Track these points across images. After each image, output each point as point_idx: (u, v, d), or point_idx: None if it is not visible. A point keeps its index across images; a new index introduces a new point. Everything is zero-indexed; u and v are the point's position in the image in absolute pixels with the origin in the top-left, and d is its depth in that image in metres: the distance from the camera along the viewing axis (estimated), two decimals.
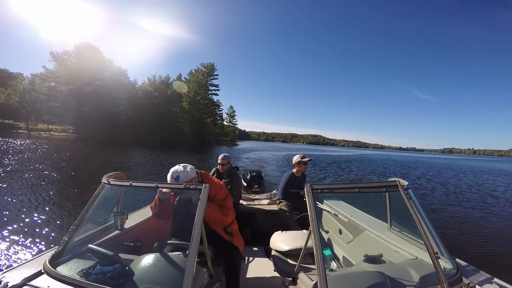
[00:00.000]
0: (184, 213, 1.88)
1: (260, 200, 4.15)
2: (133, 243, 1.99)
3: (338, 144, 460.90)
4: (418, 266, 1.55)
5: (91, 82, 43.88)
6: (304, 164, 3.60)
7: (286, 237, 2.46)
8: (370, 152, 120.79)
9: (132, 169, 14.40)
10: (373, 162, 35.95)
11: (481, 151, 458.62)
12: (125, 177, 1.99)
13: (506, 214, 8.83)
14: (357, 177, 18.46)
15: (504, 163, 68.87)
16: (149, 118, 51.09)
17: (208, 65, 67.33)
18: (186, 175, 1.88)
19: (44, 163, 13.28)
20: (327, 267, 1.30)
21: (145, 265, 1.40)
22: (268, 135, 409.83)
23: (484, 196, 12.12)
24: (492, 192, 13.59)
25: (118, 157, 19.43)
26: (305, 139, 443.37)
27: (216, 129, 71.57)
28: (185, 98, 59.83)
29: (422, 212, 1.62)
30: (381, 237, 2.22)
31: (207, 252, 1.57)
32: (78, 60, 43.69)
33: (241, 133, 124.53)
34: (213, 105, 69.55)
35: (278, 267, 2.24)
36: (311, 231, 1.41)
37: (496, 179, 21.17)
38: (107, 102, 44.75)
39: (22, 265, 1.53)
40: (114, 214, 2.09)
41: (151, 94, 55.17)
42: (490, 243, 5.77)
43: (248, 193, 4.84)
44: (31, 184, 8.39)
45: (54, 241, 4.25)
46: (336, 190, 1.71)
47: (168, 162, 18.04)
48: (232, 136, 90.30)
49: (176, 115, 56.91)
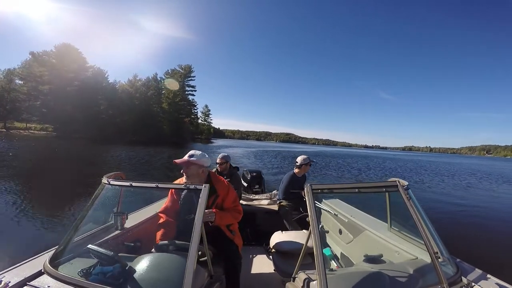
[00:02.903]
0: (191, 211, 1.91)
1: (260, 200, 4.15)
2: (133, 243, 1.99)
3: (309, 142, 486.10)
4: (418, 266, 1.55)
5: (71, 82, 44.14)
6: (308, 165, 3.62)
7: (286, 237, 2.46)
8: (338, 149, 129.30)
9: (114, 165, 14.86)
10: (338, 158, 38.03)
11: (437, 149, 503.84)
12: (125, 177, 1.99)
13: (506, 213, 8.83)
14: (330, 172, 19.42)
15: (457, 159, 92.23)
16: (130, 118, 52.06)
17: (186, 66, 68.74)
18: (200, 158, 2.02)
19: (33, 161, 13.43)
20: (327, 267, 1.30)
21: (145, 265, 1.40)
22: (243, 133, 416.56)
23: (484, 196, 12.13)
24: (492, 192, 13.60)
25: (102, 154, 20.29)
26: (278, 137, 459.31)
27: (191, 128, 73.11)
28: (164, 99, 61.71)
29: (422, 212, 1.62)
30: (381, 237, 2.22)
31: (207, 252, 1.57)
32: (58, 60, 43.96)
33: (215, 131, 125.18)
34: (189, 105, 71.13)
35: (278, 267, 2.24)
36: (311, 231, 1.41)
37: (496, 179, 21.23)
38: (88, 101, 45.11)
39: (22, 265, 1.53)
40: (114, 214, 2.09)
41: (132, 95, 56.36)
42: (490, 242, 5.77)
43: (248, 193, 4.84)
44: (23, 183, 8.41)
45: (54, 241, 4.23)
46: (336, 190, 1.71)
47: (150, 158, 19.58)
48: (207, 134, 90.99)
49: (157, 115, 58.98)
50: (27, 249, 3.83)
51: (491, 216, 8.32)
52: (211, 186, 2.00)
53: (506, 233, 6.58)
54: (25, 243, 4.28)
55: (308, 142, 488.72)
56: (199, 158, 2.01)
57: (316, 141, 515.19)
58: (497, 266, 4.41)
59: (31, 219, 5.30)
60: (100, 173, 1.97)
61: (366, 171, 22.24)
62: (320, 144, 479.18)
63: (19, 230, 4.86)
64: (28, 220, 5.27)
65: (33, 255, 1.65)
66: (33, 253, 1.66)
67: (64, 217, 5.52)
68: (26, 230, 4.82)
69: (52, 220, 5.32)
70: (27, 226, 4.98)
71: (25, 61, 46.29)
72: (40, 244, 4.05)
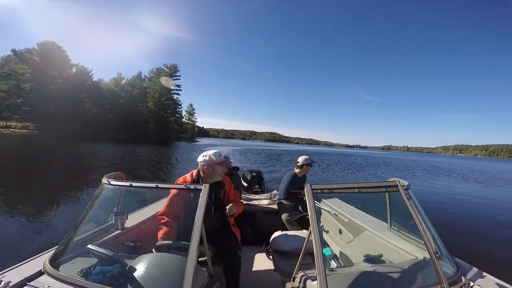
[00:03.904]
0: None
1: (260, 200, 4.14)
2: (133, 243, 1.99)
3: (293, 141, 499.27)
4: (418, 266, 1.55)
5: (54, 80, 43.68)
6: (309, 166, 3.62)
7: (286, 237, 2.46)
8: (320, 148, 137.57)
9: (99, 163, 15.08)
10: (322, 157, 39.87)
11: (414, 148, 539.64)
12: (125, 177, 1.99)
13: (506, 213, 8.84)
14: None
15: (432, 157, 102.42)
16: (115, 116, 52.03)
17: (171, 66, 68.79)
18: (217, 157, 2.15)
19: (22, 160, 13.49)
20: (327, 267, 1.30)
21: (145, 265, 1.40)
22: (228, 132, 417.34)
23: (484, 196, 12.13)
24: (492, 192, 13.61)
25: (85, 152, 20.50)
26: (263, 137, 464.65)
27: (176, 126, 73.38)
28: (150, 98, 62.11)
29: (422, 212, 1.62)
30: (381, 237, 2.22)
31: (207, 252, 1.57)
32: (41, 58, 43.33)
33: (200, 130, 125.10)
34: (175, 104, 71.26)
35: (278, 267, 2.24)
36: (311, 231, 1.41)
37: (496, 177, 21.28)
38: (71, 100, 44.68)
39: (22, 265, 1.53)
40: (114, 214, 2.09)
41: (117, 93, 56.39)
42: (490, 242, 5.77)
43: (248, 193, 4.84)
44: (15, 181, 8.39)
45: (54, 241, 4.22)
46: (336, 190, 1.71)
47: (135, 155, 20.26)
48: (191, 133, 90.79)
49: (142, 114, 59.60)
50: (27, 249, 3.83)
51: (491, 216, 8.33)
52: (220, 181, 2.25)
53: (506, 233, 6.59)
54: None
55: (292, 141, 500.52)
56: (217, 158, 2.14)
57: (300, 140, 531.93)
58: (497, 266, 4.42)
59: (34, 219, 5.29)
60: (75, 171, 1.99)
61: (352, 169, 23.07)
62: (303, 143, 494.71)
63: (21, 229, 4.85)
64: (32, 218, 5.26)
65: (33, 255, 1.65)
66: (33, 253, 1.66)
67: (39, 218, 5.47)
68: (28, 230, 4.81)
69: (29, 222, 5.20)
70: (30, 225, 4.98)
71: (3, 57, 45.33)
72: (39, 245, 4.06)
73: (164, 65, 68.95)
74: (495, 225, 7.25)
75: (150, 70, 68.77)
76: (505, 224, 7.42)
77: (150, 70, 68.77)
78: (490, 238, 6.15)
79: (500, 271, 1.77)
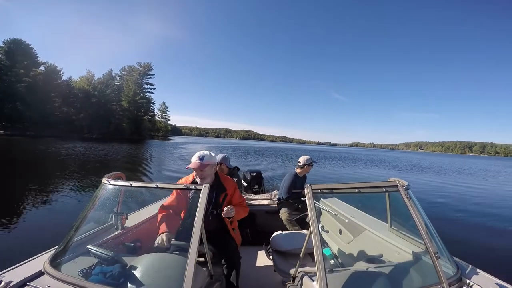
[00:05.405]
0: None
1: (260, 200, 4.14)
2: (133, 243, 1.99)
3: (267, 139, 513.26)
4: (418, 266, 1.55)
5: (21, 79, 42.81)
6: (310, 166, 3.62)
7: (286, 237, 2.46)
8: (293, 146, 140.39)
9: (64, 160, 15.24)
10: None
11: (379, 145, 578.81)
12: (125, 177, 1.99)
13: (506, 213, 8.83)
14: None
15: (396, 153, 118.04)
16: (86, 115, 51.84)
17: (145, 64, 68.76)
18: (210, 158, 2.04)
19: None
20: (327, 267, 1.30)
21: (145, 265, 1.40)
22: (202, 130, 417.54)
23: (484, 196, 12.13)
24: (492, 192, 13.61)
25: (50, 149, 20.61)
26: (238, 135, 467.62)
27: (149, 125, 73.60)
28: (124, 97, 62.12)
29: (422, 212, 1.62)
30: (381, 237, 2.22)
31: (207, 252, 1.57)
32: (7, 56, 42.65)
33: (172, 128, 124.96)
34: (148, 102, 71.27)
35: (278, 267, 2.24)
36: (311, 231, 1.41)
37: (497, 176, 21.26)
38: (40, 99, 44.08)
39: (22, 265, 1.53)
40: (114, 214, 2.09)
41: (90, 92, 55.80)
42: (490, 243, 5.76)
43: (248, 193, 4.83)
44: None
45: (54, 241, 4.22)
46: (336, 190, 1.71)
47: (105, 153, 20.41)
48: (164, 131, 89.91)
49: (116, 113, 59.68)
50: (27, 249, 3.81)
51: (491, 215, 8.32)
52: (220, 184, 2.14)
53: (506, 233, 6.59)
54: None
55: (266, 139, 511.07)
56: (210, 159, 2.03)
57: (274, 138, 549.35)
58: (497, 266, 4.42)
59: (34, 218, 5.29)
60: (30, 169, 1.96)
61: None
62: (277, 141, 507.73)
63: (21, 229, 4.85)
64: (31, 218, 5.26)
65: (33, 255, 1.65)
66: (33, 253, 1.66)
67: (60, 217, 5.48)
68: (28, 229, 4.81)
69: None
70: (30, 225, 4.98)
71: None
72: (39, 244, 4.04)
73: (138, 63, 68.68)
74: (495, 225, 7.25)
75: (122, 68, 68.36)
76: (505, 224, 7.42)
77: (122, 68, 68.36)
78: (490, 238, 6.14)
79: (500, 271, 1.77)
